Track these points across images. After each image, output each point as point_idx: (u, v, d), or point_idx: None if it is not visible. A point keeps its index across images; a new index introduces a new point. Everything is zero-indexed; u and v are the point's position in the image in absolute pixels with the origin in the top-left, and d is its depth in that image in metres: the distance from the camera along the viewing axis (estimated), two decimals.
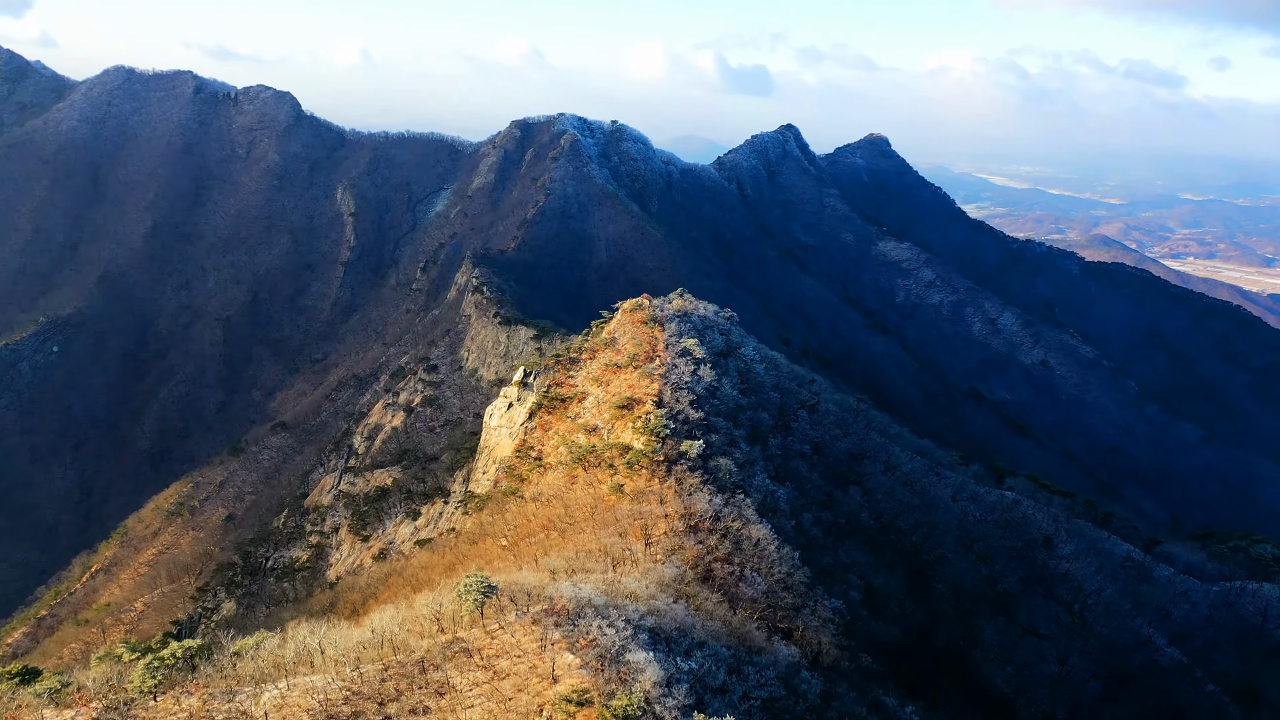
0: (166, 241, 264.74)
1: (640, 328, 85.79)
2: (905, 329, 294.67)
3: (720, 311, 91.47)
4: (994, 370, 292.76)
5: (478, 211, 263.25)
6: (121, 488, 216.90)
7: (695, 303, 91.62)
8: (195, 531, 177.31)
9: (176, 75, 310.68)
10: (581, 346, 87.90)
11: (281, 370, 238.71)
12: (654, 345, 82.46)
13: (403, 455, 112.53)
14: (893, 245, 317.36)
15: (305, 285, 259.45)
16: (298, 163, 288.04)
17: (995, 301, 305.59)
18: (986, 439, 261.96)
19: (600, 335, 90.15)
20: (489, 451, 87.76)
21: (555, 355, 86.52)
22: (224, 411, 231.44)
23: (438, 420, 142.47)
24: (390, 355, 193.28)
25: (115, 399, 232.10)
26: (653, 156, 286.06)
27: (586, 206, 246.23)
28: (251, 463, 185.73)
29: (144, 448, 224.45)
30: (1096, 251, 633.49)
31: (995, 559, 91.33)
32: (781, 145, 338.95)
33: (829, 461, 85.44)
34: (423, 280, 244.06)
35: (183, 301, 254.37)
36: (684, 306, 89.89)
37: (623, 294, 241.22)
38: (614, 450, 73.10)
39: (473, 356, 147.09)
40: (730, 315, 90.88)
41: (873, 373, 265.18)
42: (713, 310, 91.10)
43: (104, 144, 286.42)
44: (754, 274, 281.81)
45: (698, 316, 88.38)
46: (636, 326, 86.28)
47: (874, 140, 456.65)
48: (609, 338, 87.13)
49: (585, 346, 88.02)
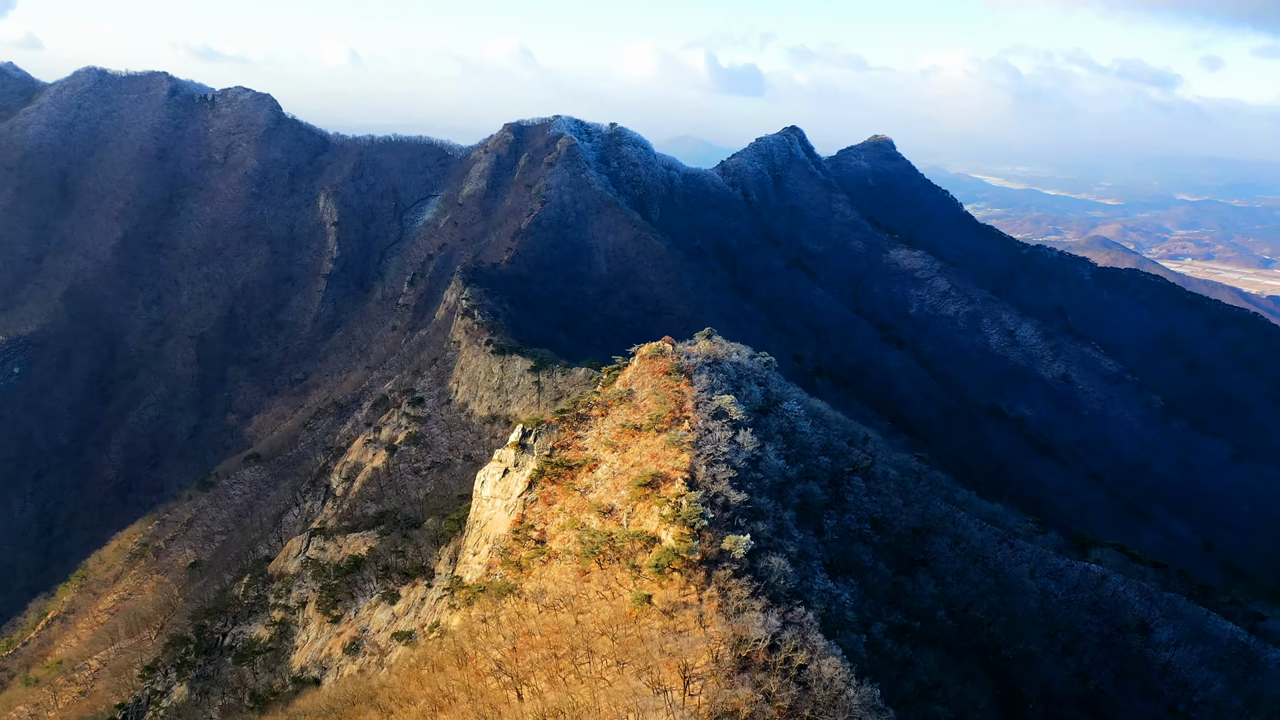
0: (137, 253, 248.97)
1: (663, 380, 70.85)
2: (920, 342, 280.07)
3: (756, 356, 76.55)
4: (1013, 385, 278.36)
5: (469, 220, 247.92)
6: (85, 521, 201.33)
7: (725, 345, 76.68)
8: (160, 575, 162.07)
9: (151, 76, 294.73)
10: (591, 401, 72.88)
11: (258, 392, 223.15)
12: (681, 403, 67.52)
13: (381, 518, 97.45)
14: (905, 253, 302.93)
15: (285, 299, 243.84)
16: (278, 168, 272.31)
17: (1013, 312, 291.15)
18: (1009, 459, 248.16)
19: (614, 387, 75.19)
20: (480, 527, 72.77)
21: (560, 411, 71.59)
22: (196, 437, 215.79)
23: (423, 461, 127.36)
24: (374, 380, 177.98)
25: (80, 424, 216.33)
26: (654, 161, 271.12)
27: (585, 215, 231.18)
28: (222, 498, 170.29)
29: (110, 476, 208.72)
30: (1097, 253, 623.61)
31: (1084, 649, 76.60)
32: (787, 148, 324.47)
33: (892, 540, 70.67)
34: (410, 295, 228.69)
35: (154, 318, 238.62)
36: (713, 351, 74.95)
37: (624, 309, 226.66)
38: (637, 542, 58.30)
39: (463, 389, 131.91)
40: (768, 361, 76.05)
41: (888, 389, 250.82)
42: (746, 354, 76.18)
43: (73, 150, 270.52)
44: (761, 285, 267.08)
45: (730, 364, 73.45)
46: (658, 378, 71.34)
47: (878, 142, 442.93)
48: (624, 390, 72.14)
49: (596, 400, 73.00)
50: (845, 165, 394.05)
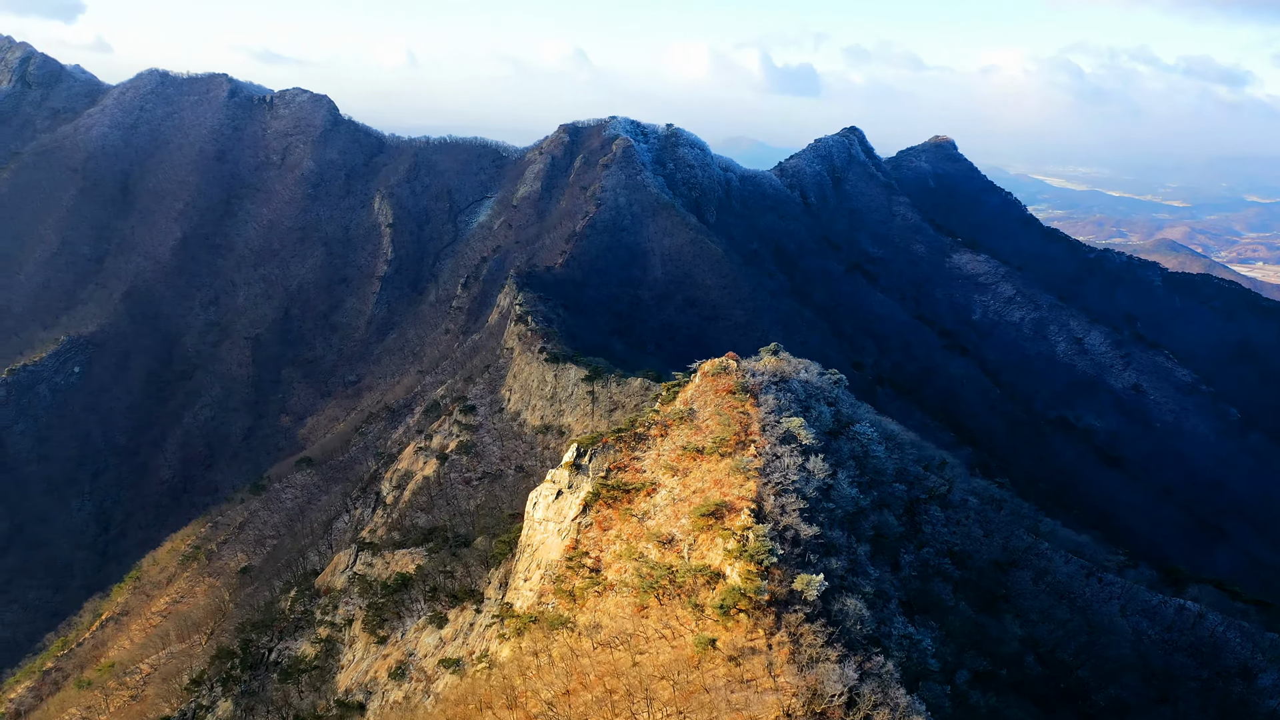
0: (195, 254, 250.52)
1: (726, 399, 66.45)
2: (983, 349, 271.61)
3: (826, 373, 71.74)
4: (1081, 395, 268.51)
5: (523, 223, 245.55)
6: (140, 521, 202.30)
7: (793, 362, 71.96)
8: (212, 579, 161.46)
9: (211, 78, 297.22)
10: (650, 420, 68.73)
11: (312, 394, 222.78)
12: (746, 425, 63.08)
13: (430, 534, 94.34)
14: (968, 257, 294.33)
15: (339, 301, 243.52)
16: (334, 170, 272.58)
17: (1081, 319, 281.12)
18: (1077, 473, 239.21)
19: (674, 405, 70.95)
20: (532, 551, 69.06)
21: (617, 430, 67.57)
22: (250, 438, 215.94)
23: (474, 471, 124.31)
24: (426, 385, 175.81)
25: (137, 423, 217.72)
26: (711, 163, 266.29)
27: (640, 218, 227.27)
28: (274, 502, 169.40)
29: (165, 477, 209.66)
30: (1164, 257, 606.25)
31: (1181, 695, 70.61)
32: (847, 149, 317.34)
33: (973, 576, 65.43)
34: (463, 298, 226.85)
35: (211, 318, 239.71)
36: (779, 368, 70.31)
37: (679, 314, 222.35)
38: (699, 578, 54.11)
39: (515, 397, 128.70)
40: (838, 378, 71.24)
41: (950, 399, 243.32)
42: (815, 371, 71.39)
43: (135, 151, 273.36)
44: (819, 290, 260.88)
45: (798, 382, 68.77)
46: (721, 397, 66.94)
47: (940, 143, 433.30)
48: (685, 409, 67.86)
49: (655, 419, 68.85)
50: (905, 167, 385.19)
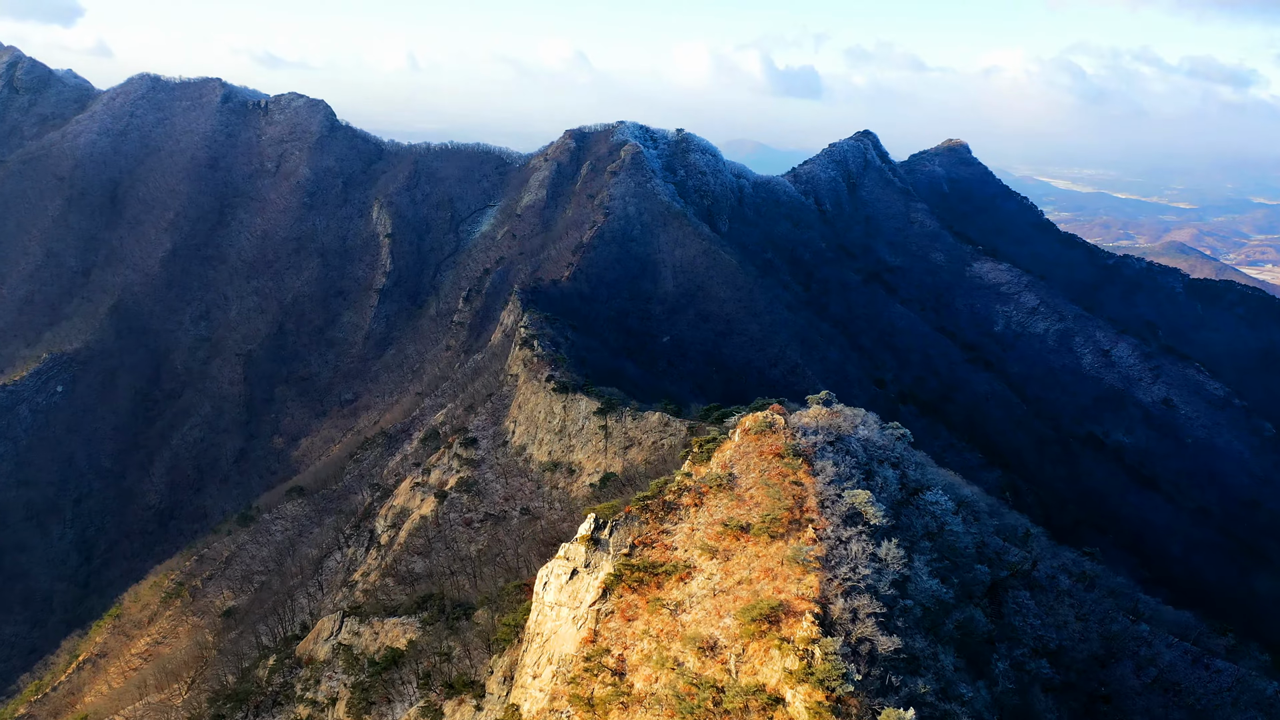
0: (186, 266, 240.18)
1: (774, 464, 55.66)
2: (1006, 362, 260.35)
3: (888, 428, 60.81)
4: (1109, 410, 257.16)
5: (527, 233, 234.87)
6: (125, 549, 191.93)
7: (847, 414, 61.02)
8: (196, 618, 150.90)
9: (204, 83, 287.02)
10: (681, 485, 57.98)
11: (306, 413, 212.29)
12: (801, 499, 52.32)
13: (424, 603, 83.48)
14: (990, 266, 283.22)
15: (336, 315, 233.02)
16: (330, 177, 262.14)
17: (1108, 330, 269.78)
18: (1109, 493, 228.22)
19: (709, 467, 60.18)
20: (542, 641, 58.34)
21: (642, 499, 56.92)
22: (242, 461, 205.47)
23: (475, 512, 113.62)
24: (425, 408, 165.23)
25: (123, 445, 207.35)
26: (723, 169, 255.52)
27: (650, 228, 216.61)
28: (263, 534, 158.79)
29: (152, 502, 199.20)
30: (1175, 260, 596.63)
31: None
32: (862, 154, 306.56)
33: (1072, 677, 54.51)
34: (465, 312, 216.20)
35: (201, 333, 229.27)
36: (833, 423, 59.43)
37: (692, 328, 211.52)
38: (752, 701, 43.41)
39: (520, 430, 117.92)
40: (902, 434, 60.31)
41: (975, 415, 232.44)
42: (875, 426, 60.45)
43: (124, 159, 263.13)
44: (836, 301, 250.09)
45: (856, 441, 57.90)
46: (768, 461, 56.16)
47: (953, 146, 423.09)
48: (723, 474, 57.13)
49: (687, 484, 58.11)
50: (918, 171, 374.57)
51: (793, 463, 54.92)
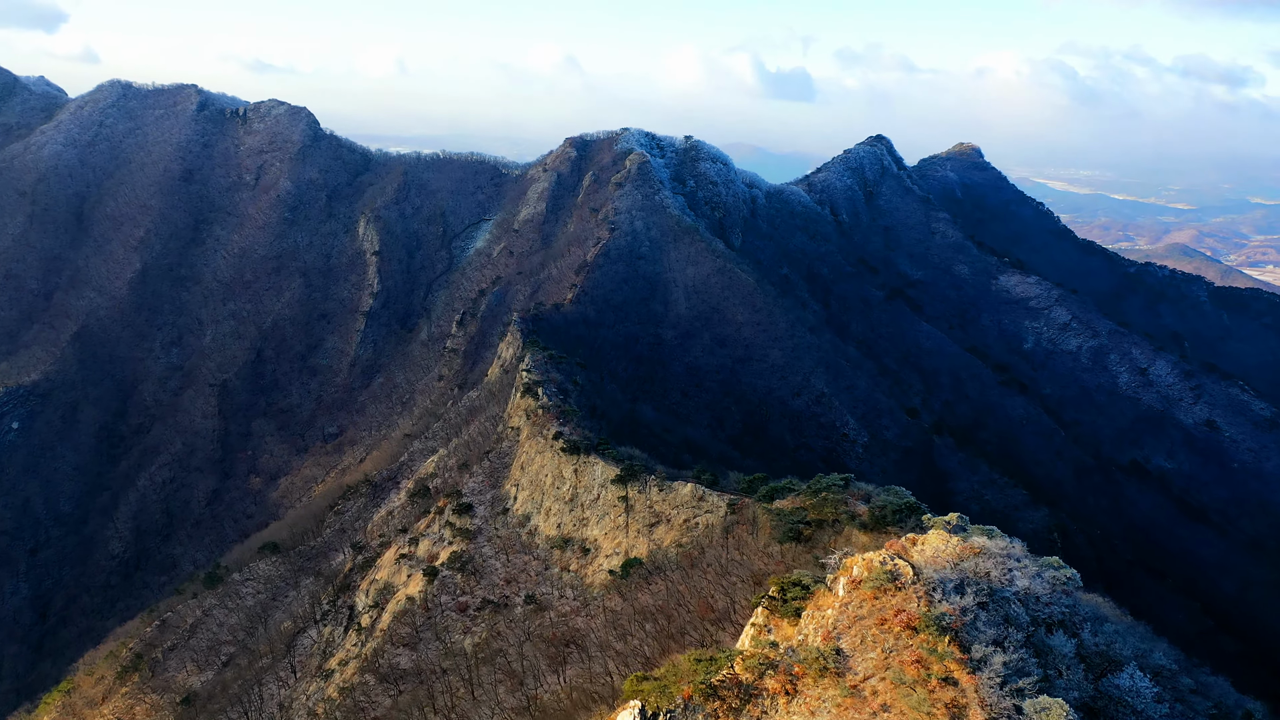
0: (157, 288, 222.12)
1: (906, 642, 38.06)
2: (1039, 382, 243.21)
3: (1045, 567, 43.40)
4: (1148, 433, 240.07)
5: (526, 250, 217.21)
6: (85, 604, 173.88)
7: (989, 548, 43.53)
8: (155, 696, 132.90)
9: (179, 89, 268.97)
10: (764, 658, 40.38)
11: (286, 449, 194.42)
12: (960, 707, 34.68)
13: None
14: (1018, 279, 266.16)
15: (319, 340, 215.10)
16: (313, 190, 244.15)
17: (1145, 347, 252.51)
18: (1154, 526, 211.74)
19: (803, 630, 42.66)
20: None
21: (704, 685, 39.45)
22: (215, 504, 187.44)
23: (471, 595, 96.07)
24: (413, 452, 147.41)
25: (85, 487, 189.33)
26: (734, 179, 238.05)
27: (659, 244, 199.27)
28: (232, 598, 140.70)
29: (116, 551, 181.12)
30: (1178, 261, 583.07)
31: None
32: (878, 161, 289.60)
33: None
34: (459, 337, 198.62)
35: (173, 361, 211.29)
36: (976, 567, 41.89)
37: (707, 355, 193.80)
38: None
39: (523, 495, 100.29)
40: (1069, 576, 43.01)
41: (1010, 443, 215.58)
42: (1029, 566, 43.05)
43: (91, 171, 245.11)
44: (858, 320, 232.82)
45: (1014, 595, 40.55)
46: (895, 635, 38.54)
47: (965, 150, 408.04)
48: (827, 649, 39.51)
49: (770, 657, 40.51)
50: (930, 176, 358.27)
51: (936, 643, 37.42)
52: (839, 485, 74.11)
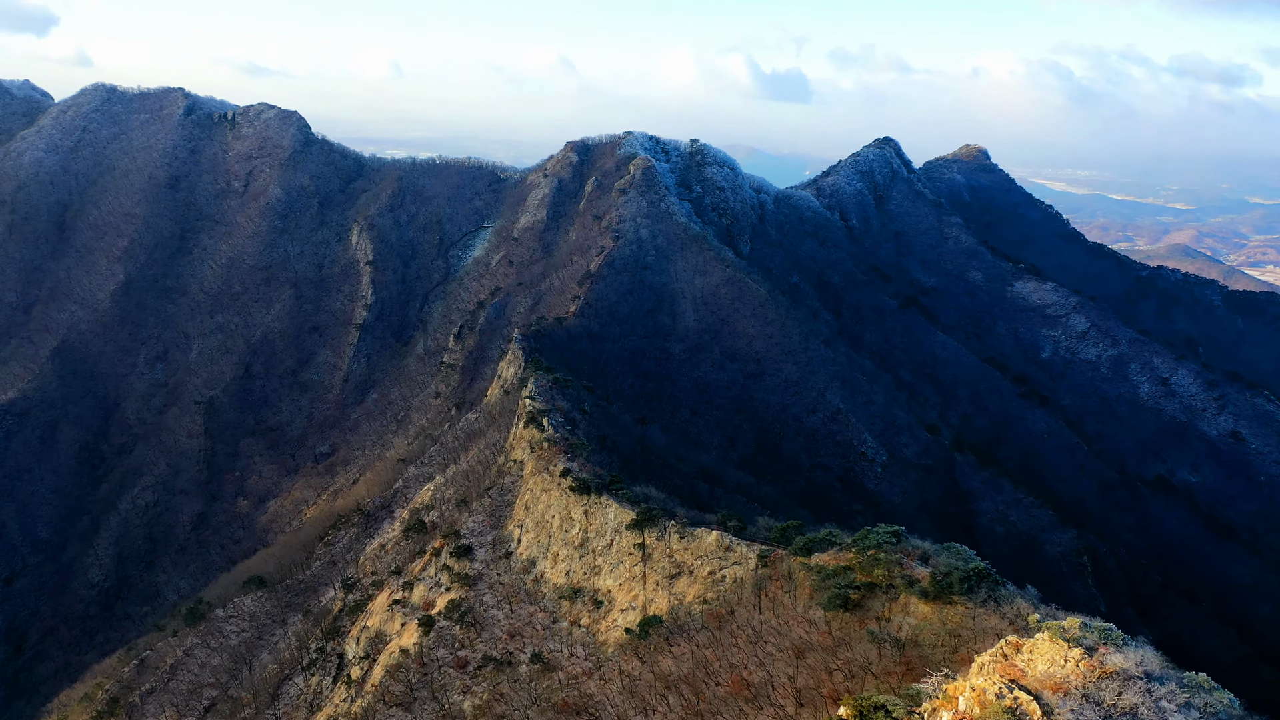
0: (141, 300, 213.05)
1: None
2: (1058, 393, 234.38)
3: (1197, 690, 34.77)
4: (1171, 445, 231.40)
5: (526, 259, 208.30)
6: (62, 637, 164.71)
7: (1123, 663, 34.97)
8: None
9: (165, 93, 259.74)
10: None
11: (276, 470, 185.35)
12: None
13: None
14: (1034, 286, 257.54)
15: (310, 354, 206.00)
16: (305, 197, 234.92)
17: (1166, 355, 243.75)
18: (1182, 544, 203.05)
19: None
20: None
21: None
22: (201, 528, 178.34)
23: (471, 649, 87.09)
24: (409, 479, 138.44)
25: (64, 512, 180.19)
26: (742, 184, 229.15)
27: (666, 253, 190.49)
28: (215, 636, 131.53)
29: (96, 579, 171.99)
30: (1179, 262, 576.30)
31: None
32: (888, 164, 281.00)
33: None
34: (457, 351, 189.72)
35: (157, 378, 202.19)
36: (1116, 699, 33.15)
37: (717, 370, 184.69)
38: None
39: (528, 538, 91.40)
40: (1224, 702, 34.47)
41: (1031, 458, 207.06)
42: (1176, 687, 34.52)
43: (74, 179, 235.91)
44: (871, 329, 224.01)
45: None
46: None
47: (972, 152, 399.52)
48: None
49: None
50: (937, 179, 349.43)
51: None
52: (890, 541, 64.83)
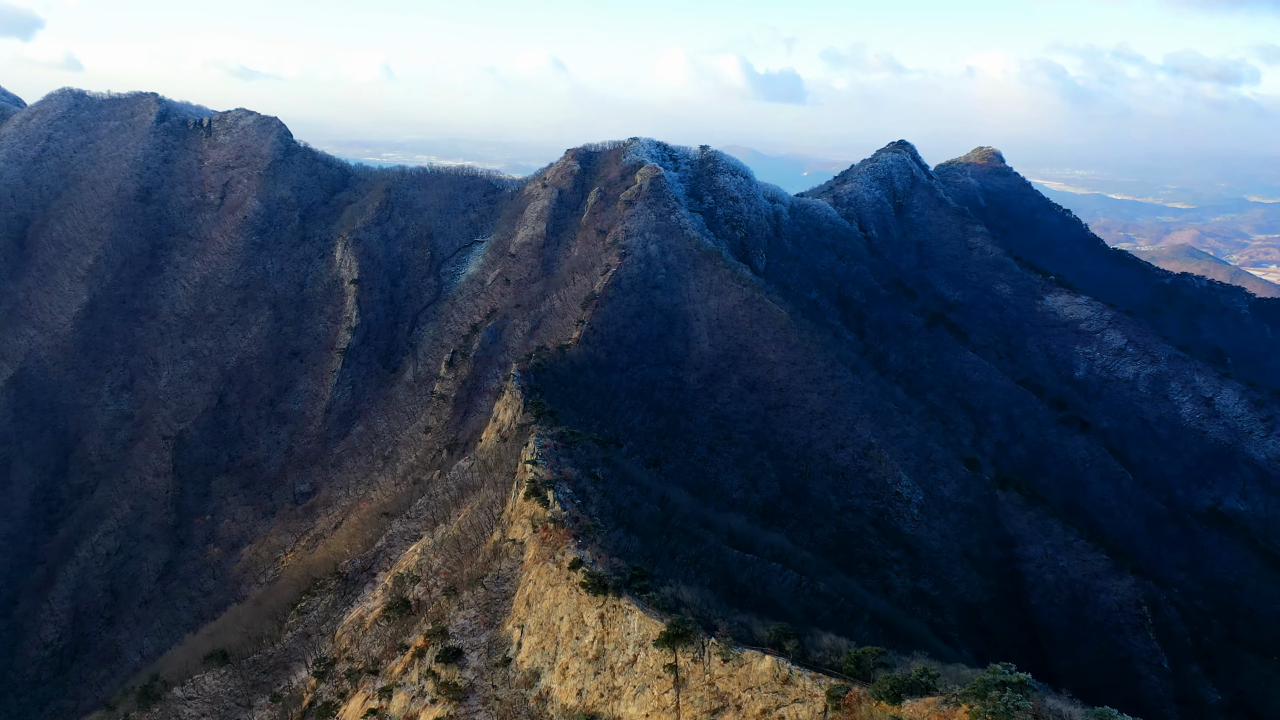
0: (106, 323, 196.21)
1: None
2: (1095, 415, 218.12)
3: None
4: (1218, 471, 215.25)
5: (524, 277, 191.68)
6: (9, 707, 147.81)
7: None
8: None
9: (136, 98, 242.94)
10: None
11: (251, 513, 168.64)
12: None
13: None
14: (1065, 299, 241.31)
15: (290, 382, 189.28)
16: (285, 210, 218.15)
17: (1209, 374, 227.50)
18: (1241, 585, 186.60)
19: None
20: None
21: None
22: (168, 578, 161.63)
23: None
24: (393, 537, 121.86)
25: (16, 561, 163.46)
26: (756, 194, 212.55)
27: (677, 271, 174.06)
28: None
29: (50, 638, 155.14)
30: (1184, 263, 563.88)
31: None
32: (907, 170, 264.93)
33: None
34: (449, 380, 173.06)
35: (122, 409, 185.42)
36: None
37: (736, 401, 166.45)
38: None
39: (530, 642, 74.89)
40: None
41: (1074, 489, 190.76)
42: None
43: (37, 191, 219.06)
44: (896, 349, 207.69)
45: None
46: None
47: (986, 156, 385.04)
48: None
49: None
50: (951, 183, 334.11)
51: None
52: (1015, 693, 48.01)
